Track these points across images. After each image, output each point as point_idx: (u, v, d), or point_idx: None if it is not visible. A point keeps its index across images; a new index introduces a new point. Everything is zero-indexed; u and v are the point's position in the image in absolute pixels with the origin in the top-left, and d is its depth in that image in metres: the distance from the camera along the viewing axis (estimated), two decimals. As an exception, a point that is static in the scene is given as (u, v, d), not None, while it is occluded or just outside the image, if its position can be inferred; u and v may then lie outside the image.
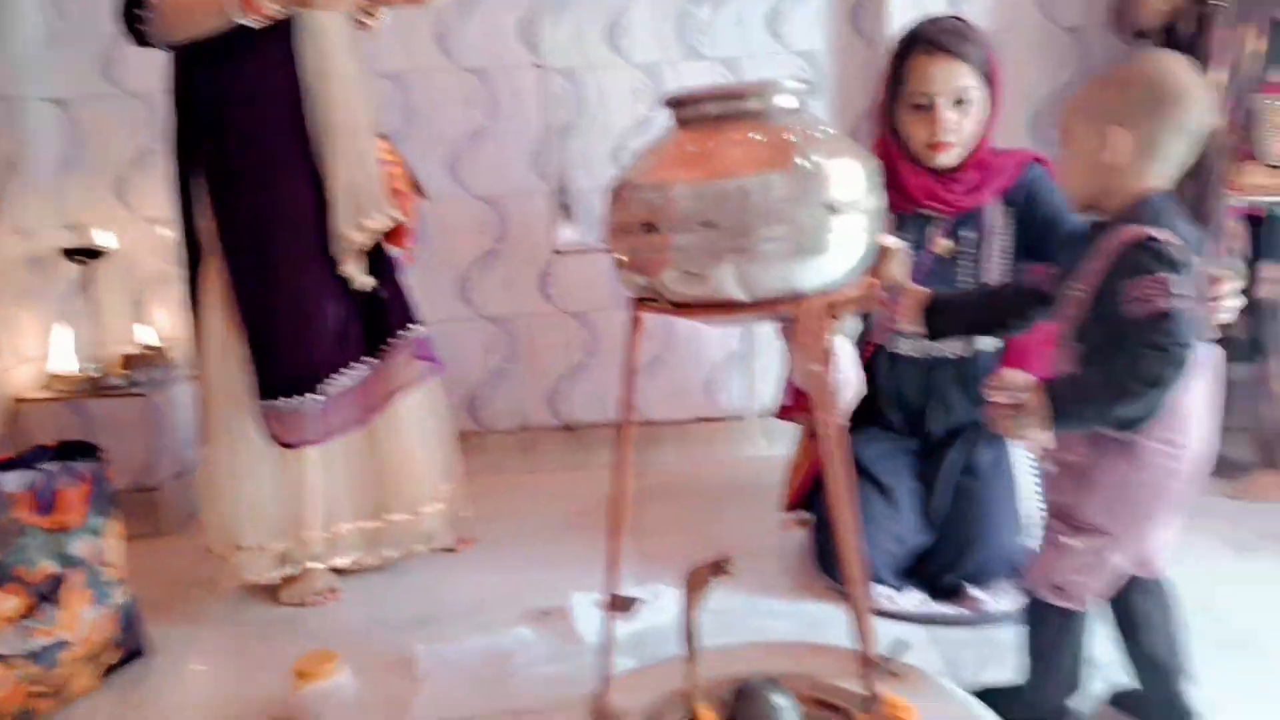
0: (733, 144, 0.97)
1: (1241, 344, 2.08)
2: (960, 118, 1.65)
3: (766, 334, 2.50)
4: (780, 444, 2.22)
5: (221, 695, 1.58)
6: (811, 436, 1.87)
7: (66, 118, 2.52)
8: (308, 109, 1.76)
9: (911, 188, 1.69)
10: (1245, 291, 1.98)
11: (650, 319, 1.06)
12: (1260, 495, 2.10)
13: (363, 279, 1.84)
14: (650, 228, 0.96)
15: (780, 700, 1.17)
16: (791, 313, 0.96)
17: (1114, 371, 1.05)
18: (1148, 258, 1.06)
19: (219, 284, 1.80)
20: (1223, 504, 2.06)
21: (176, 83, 1.80)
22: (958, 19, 1.74)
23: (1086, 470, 1.15)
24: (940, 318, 1.32)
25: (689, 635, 1.18)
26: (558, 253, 2.55)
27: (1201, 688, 1.30)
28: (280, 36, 1.73)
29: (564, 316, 2.60)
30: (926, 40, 1.66)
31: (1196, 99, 1.11)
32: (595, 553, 1.26)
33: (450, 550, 2.05)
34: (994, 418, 1.07)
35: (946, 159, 1.68)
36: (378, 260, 1.87)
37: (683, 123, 1.02)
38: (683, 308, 0.99)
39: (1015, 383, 1.05)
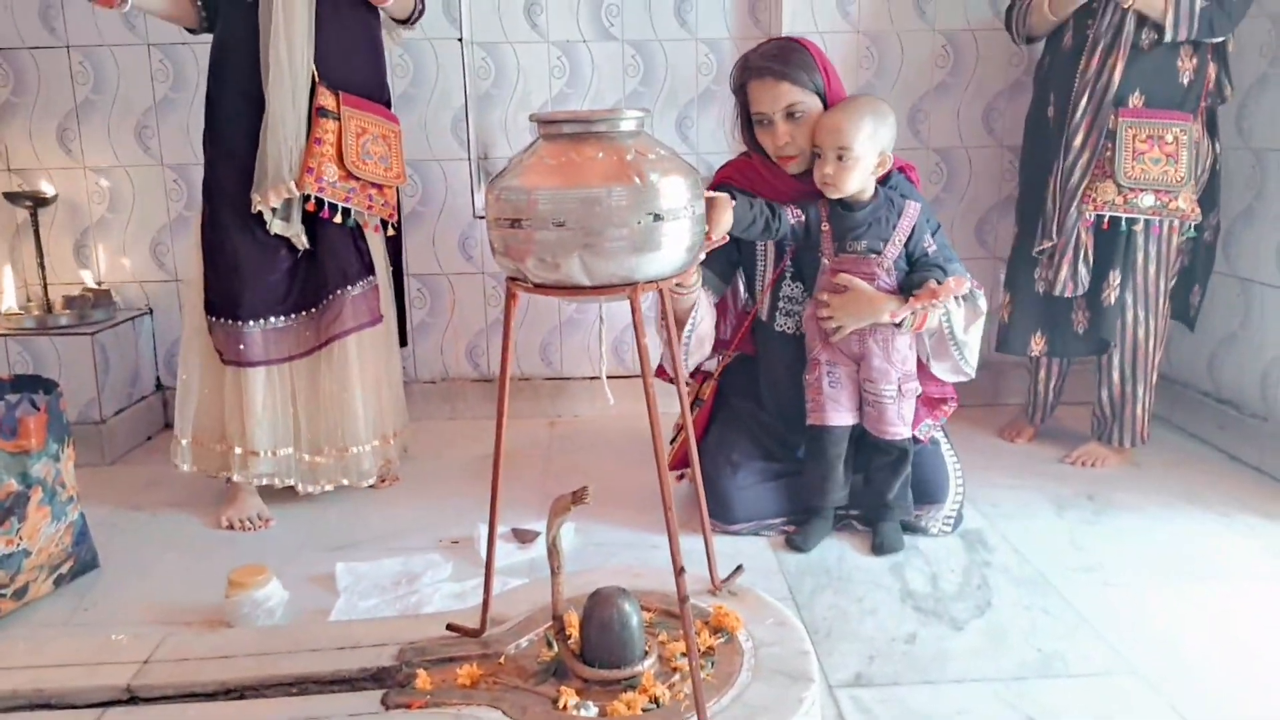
0: (585, 159, 1.19)
1: (1086, 338, 2.34)
2: (795, 128, 1.86)
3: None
4: (675, 403, 2.47)
5: (163, 601, 1.78)
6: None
7: (9, 66, 2.61)
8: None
9: (779, 187, 1.93)
10: (1091, 295, 2.26)
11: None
12: (1088, 461, 2.38)
13: (298, 239, 2.05)
14: (516, 223, 1.19)
15: (626, 605, 1.39)
16: (626, 295, 1.21)
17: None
18: (930, 217, 1.90)
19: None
20: (1056, 467, 2.38)
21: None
22: (783, 42, 1.95)
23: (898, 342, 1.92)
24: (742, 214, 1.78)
25: (551, 551, 1.43)
26: (479, 217, 2.72)
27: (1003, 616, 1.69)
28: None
29: (484, 276, 2.78)
30: (753, 68, 1.87)
31: None
32: (504, 492, 1.45)
33: (374, 486, 2.27)
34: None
35: (795, 168, 1.90)
36: (317, 223, 2.06)
37: (547, 137, 1.25)
38: (541, 287, 1.23)
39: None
